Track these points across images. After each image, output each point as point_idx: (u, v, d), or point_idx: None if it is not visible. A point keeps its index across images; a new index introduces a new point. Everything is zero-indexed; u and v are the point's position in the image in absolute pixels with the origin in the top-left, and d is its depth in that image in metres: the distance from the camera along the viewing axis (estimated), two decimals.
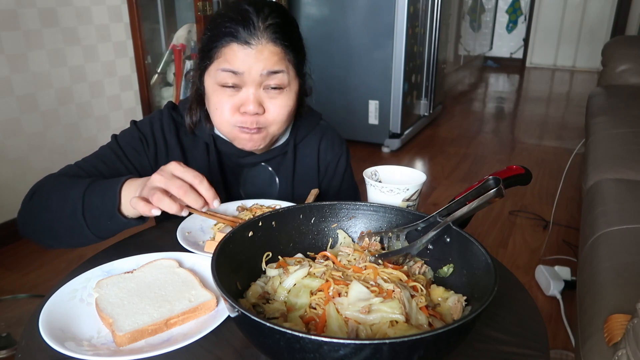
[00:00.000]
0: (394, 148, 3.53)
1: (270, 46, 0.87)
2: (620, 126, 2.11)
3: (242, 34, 0.86)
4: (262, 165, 1.06)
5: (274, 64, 0.88)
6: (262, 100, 0.91)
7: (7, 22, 2.08)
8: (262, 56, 0.87)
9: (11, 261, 2.12)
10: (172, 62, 2.80)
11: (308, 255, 0.74)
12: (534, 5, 6.61)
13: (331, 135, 1.12)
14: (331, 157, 1.11)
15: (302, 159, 1.09)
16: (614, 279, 1.10)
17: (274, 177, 1.07)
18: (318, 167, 1.11)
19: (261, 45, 0.87)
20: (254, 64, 0.87)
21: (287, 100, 0.93)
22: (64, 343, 0.58)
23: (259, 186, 1.07)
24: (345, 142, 1.16)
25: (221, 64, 0.88)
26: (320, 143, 1.10)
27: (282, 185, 1.07)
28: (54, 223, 0.83)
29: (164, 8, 2.82)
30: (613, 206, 1.46)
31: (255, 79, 0.88)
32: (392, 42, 3.27)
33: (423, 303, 0.60)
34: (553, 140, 3.84)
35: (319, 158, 1.11)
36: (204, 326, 0.62)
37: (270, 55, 0.87)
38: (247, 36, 0.86)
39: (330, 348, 0.46)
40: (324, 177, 1.13)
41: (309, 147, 1.09)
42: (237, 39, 0.86)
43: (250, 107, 0.89)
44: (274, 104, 0.92)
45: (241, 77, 0.88)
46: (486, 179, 0.68)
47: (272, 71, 0.88)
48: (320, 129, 1.11)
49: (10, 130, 2.17)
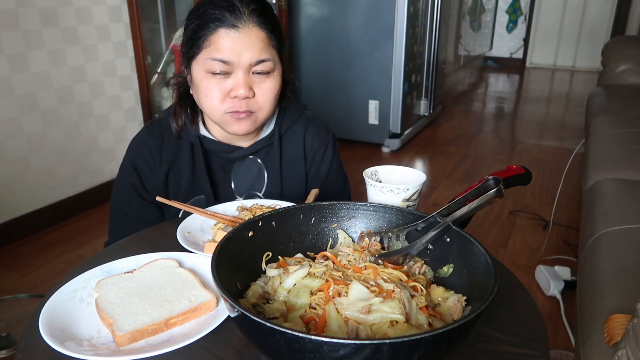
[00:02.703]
0: (394, 148, 3.53)
1: (256, 30, 0.90)
2: (620, 126, 2.11)
3: (228, 18, 0.89)
4: (250, 159, 1.08)
5: (260, 51, 0.91)
6: (251, 84, 0.94)
7: (7, 22, 2.08)
8: (250, 41, 0.90)
9: (11, 261, 2.12)
10: (172, 62, 2.80)
11: (308, 255, 0.74)
12: (534, 5, 6.60)
13: (317, 124, 1.14)
14: (317, 145, 1.13)
15: (288, 148, 1.11)
16: (614, 279, 1.10)
17: (262, 168, 1.09)
18: (305, 156, 1.13)
19: (248, 29, 0.89)
20: (242, 51, 0.89)
21: (274, 83, 0.96)
22: (64, 343, 0.58)
23: (249, 179, 1.09)
24: (331, 131, 1.17)
25: (210, 53, 0.90)
26: (306, 131, 1.12)
27: (271, 176, 1.09)
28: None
29: (164, 8, 2.82)
30: (613, 206, 1.46)
31: (245, 66, 0.91)
32: (392, 42, 3.27)
33: (423, 303, 0.60)
34: (553, 140, 3.84)
35: (305, 146, 1.12)
36: (204, 326, 0.62)
37: (257, 41, 0.90)
38: (234, 20, 0.89)
39: (330, 348, 0.46)
40: (311, 165, 1.14)
41: (295, 136, 1.11)
42: (224, 24, 0.89)
43: (240, 91, 0.92)
44: (262, 88, 0.95)
45: (231, 65, 0.91)
46: (486, 179, 0.68)
47: (260, 60, 0.91)
48: (306, 118, 1.13)
49: (10, 130, 2.17)
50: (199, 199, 1.04)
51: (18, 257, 2.15)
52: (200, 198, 1.04)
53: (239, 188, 1.08)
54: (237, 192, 1.08)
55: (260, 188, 1.09)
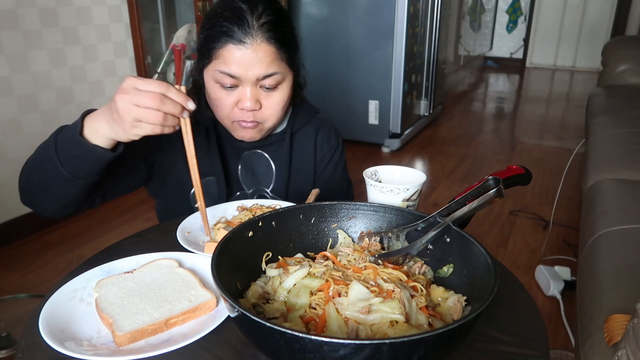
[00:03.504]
0: (394, 148, 3.53)
1: (264, 45, 0.90)
2: (620, 126, 2.11)
3: (237, 33, 0.89)
4: (258, 152, 1.10)
5: (268, 66, 0.91)
6: (258, 97, 0.95)
7: (7, 22, 2.08)
8: (257, 57, 0.90)
9: (11, 261, 2.12)
10: (172, 62, 2.80)
11: (308, 255, 0.74)
12: (534, 5, 6.60)
13: (328, 128, 1.16)
14: (327, 149, 1.15)
15: (299, 148, 1.12)
16: (614, 279, 1.10)
17: (270, 164, 1.10)
18: (315, 157, 1.15)
19: (255, 44, 0.89)
20: (249, 66, 0.90)
21: (282, 95, 0.97)
22: (64, 343, 0.58)
23: (257, 172, 1.10)
24: (341, 136, 1.20)
25: (219, 66, 0.91)
26: (318, 134, 1.14)
27: (279, 172, 1.10)
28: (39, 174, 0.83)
29: (164, 8, 2.82)
30: (613, 206, 1.46)
31: (252, 80, 0.92)
32: (392, 42, 3.27)
33: (423, 303, 0.60)
34: (553, 140, 3.84)
35: (315, 147, 1.14)
36: (204, 326, 0.62)
37: (265, 56, 0.90)
38: (242, 35, 0.89)
39: (330, 348, 0.46)
40: (319, 167, 1.16)
41: (306, 137, 1.13)
42: (233, 39, 0.89)
43: (247, 104, 0.93)
44: (269, 101, 0.96)
45: (238, 79, 0.92)
46: (486, 179, 0.68)
47: (267, 75, 0.92)
48: (317, 121, 1.15)
49: (10, 130, 2.17)
50: (210, 180, 1.05)
51: (18, 257, 2.15)
52: (211, 179, 1.05)
53: (245, 178, 1.09)
54: (244, 181, 1.10)
55: (268, 184, 1.10)
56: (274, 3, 0.95)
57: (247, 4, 0.90)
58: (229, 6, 0.91)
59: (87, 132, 0.77)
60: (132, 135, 0.74)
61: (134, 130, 0.73)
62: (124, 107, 0.71)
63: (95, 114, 0.78)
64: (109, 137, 0.77)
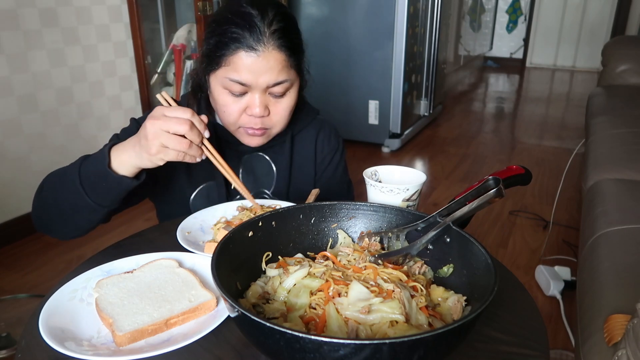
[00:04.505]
0: (394, 148, 3.53)
1: (275, 53, 0.89)
2: (620, 126, 2.11)
3: (248, 40, 0.88)
4: (259, 155, 1.09)
5: (278, 74, 0.91)
6: (267, 103, 0.94)
7: (7, 22, 2.08)
8: (268, 64, 0.89)
9: (11, 261, 2.12)
10: (172, 62, 2.80)
11: (308, 255, 0.75)
12: (534, 5, 6.60)
13: (328, 129, 1.16)
14: (328, 150, 1.15)
15: (299, 149, 1.12)
16: (614, 279, 1.10)
17: (272, 166, 1.10)
18: (315, 158, 1.14)
19: (267, 52, 0.88)
20: (260, 74, 0.89)
21: (290, 101, 0.97)
22: (64, 343, 0.58)
23: (257, 174, 1.10)
24: (341, 137, 1.19)
25: (228, 73, 0.90)
26: (318, 135, 1.14)
27: (280, 174, 1.10)
28: (61, 204, 0.85)
29: (164, 8, 2.82)
30: (613, 206, 1.46)
31: (262, 87, 0.92)
32: (392, 42, 3.27)
33: (423, 303, 0.60)
34: (553, 140, 3.84)
35: (316, 149, 1.14)
36: (204, 326, 0.62)
37: (276, 64, 0.90)
38: (254, 43, 0.88)
39: (330, 348, 0.46)
40: (319, 168, 1.16)
41: (307, 139, 1.13)
42: (244, 46, 0.88)
43: (256, 110, 0.93)
44: (277, 107, 0.96)
45: (248, 86, 0.91)
46: (486, 179, 0.68)
47: (277, 82, 0.92)
48: (318, 123, 1.15)
49: (10, 130, 2.17)
50: (209, 185, 1.05)
51: (18, 257, 2.15)
52: (210, 184, 1.05)
53: (246, 181, 1.09)
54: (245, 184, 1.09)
55: (269, 186, 1.10)
56: (283, 8, 0.93)
57: (257, 10, 0.89)
58: (239, 11, 0.89)
59: (114, 164, 0.81)
60: (158, 160, 0.78)
61: (160, 155, 0.77)
62: (154, 132, 0.75)
63: (121, 146, 0.81)
64: (135, 165, 0.81)
